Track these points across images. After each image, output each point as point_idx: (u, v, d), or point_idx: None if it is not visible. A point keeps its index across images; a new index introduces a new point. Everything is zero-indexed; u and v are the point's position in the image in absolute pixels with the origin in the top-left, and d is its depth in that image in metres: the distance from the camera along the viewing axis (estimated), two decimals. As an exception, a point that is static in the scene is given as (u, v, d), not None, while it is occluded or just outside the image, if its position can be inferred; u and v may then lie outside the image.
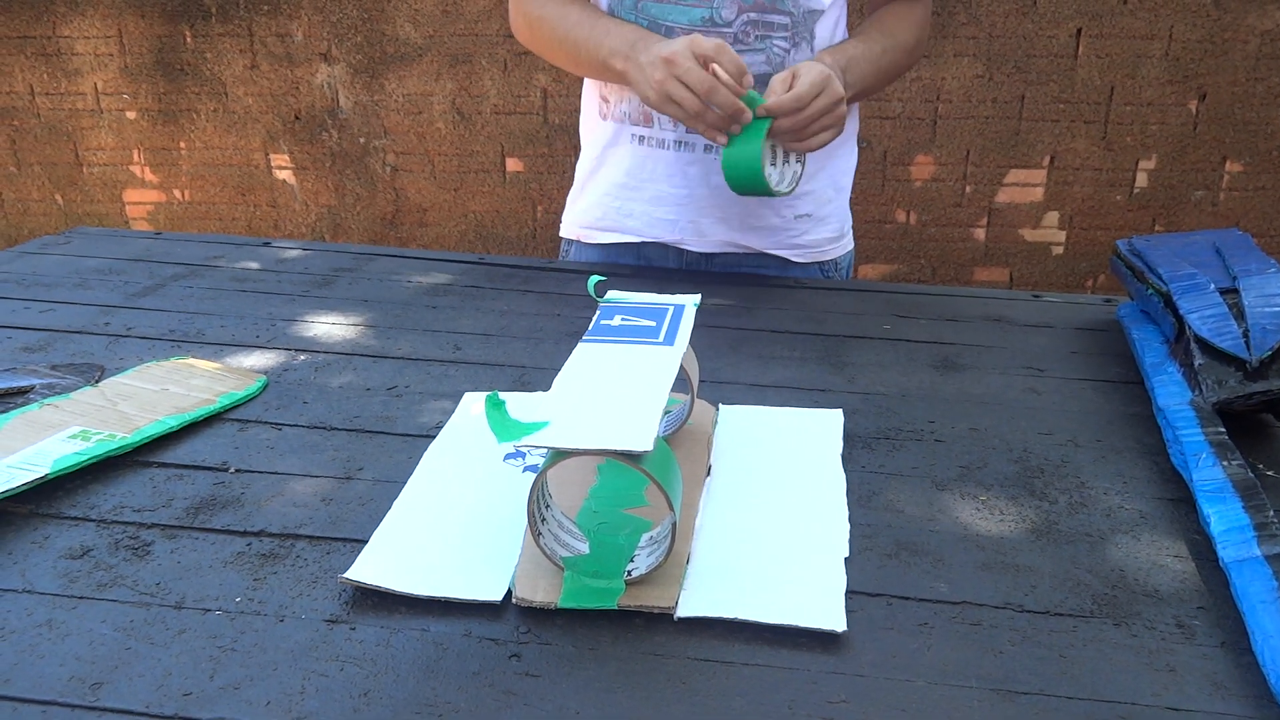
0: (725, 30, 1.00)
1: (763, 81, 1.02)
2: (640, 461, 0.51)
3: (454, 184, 2.77)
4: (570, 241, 1.19)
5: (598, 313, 0.68)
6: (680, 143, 1.05)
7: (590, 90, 1.14)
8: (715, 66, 0.89)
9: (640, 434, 0.50)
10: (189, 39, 2.76)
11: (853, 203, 1.16)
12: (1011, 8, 2.43)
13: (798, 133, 0.93)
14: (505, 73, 2.63)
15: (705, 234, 1.09)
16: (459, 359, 0.86)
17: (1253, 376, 0.71)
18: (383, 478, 0.66)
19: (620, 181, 1.10)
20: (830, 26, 1.04)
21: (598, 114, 1.12)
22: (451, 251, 1.21)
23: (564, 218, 1.21)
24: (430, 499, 0.63)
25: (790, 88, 0.92)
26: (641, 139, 1.08)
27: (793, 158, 0.99)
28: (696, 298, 0.71)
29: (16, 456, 0.64)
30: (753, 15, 1.00)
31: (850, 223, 1.17)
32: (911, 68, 1.13)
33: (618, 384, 0.57)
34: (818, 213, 1.10)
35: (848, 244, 1.16)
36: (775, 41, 1.01)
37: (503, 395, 0.54)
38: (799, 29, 1.01)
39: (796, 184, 0.98)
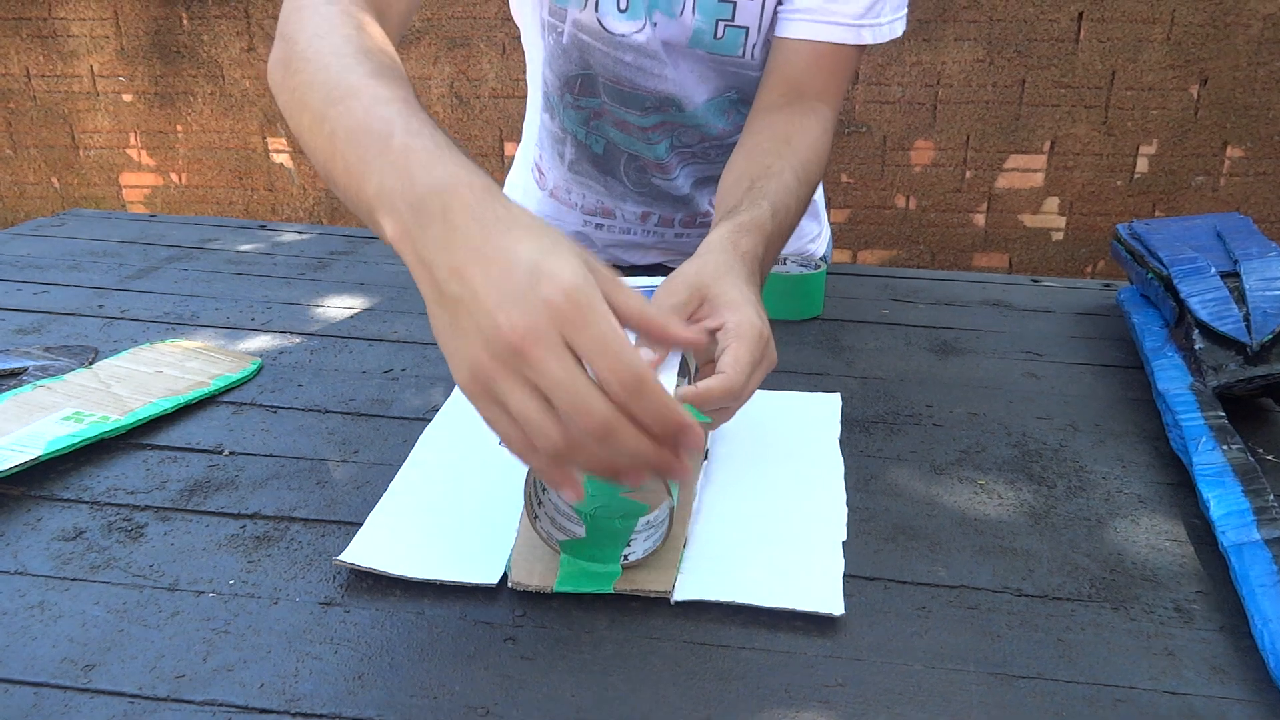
0: (685, 150, 0.95)
1: (718, 180, 0.89)
2: None
3: (452, 168, 2.76)
4: None
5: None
6: (650, 232, 1.02)
7: (523, 151, 1.05)
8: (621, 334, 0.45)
9: None
10: (185, 21, 2.75)
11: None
12: (1013, -9, 2.42)
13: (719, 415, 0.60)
14: (503, 56, 2.62)
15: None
16: (455, 342, 0.86)
17: (1253, 361, 0.70)
18: (378, 460, 0.66)
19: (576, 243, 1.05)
20: None
21: (535, 184, 1.05)
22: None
23: None
24: (426, 482, 0.62)
25: (687, 318, 0.61)
26: (600, 226, 1.04)
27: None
28: None
29: (10, 438, 0.64)
30: (715, 142, 0.94)
31: (825, 214, 1.16)
32: None
33: None
34: (795, 244, 1.09)
35: (825, 234, 1.16)
36: None
37: None
38: None
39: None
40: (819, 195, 1.13)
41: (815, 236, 1.14)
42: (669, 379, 0.56)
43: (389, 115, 0.49)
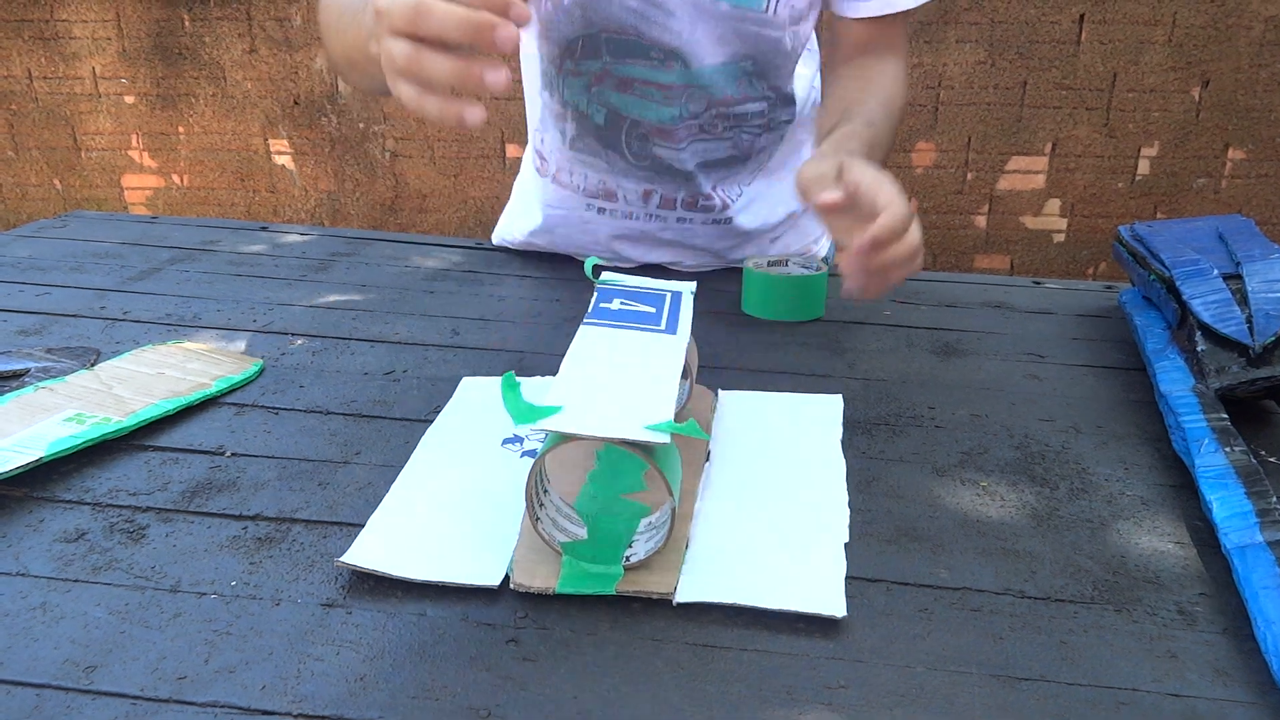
0: (692, 122, 0.95)
1: (725, 164, 0.98)
2: (647, 449, 0.50)
3: (454, 170, 2.76)
4: None
5: (595, 294, 0.67)
6: (652, 215, 1.02)
7: (529, 141, 1.08)
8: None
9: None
10: (187, 23, 2.75)
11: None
12: (1014, -7, 2.42)
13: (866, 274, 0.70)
14: (508, 58, 2.62)
15: (687, 266, 1.08)
16: (457, 344, 0.86)
17: (1256, 362, 0.70)
18: (380, 462, 0.66)
19: (575, 240, 1.07)
20: (806, 95, 1.01)
21: (537, 171, 1.06)
22: (450, 236, 1.21)
23: (504, 226, 1.14)
24: (428, 483, 0.62)
25: (848, 192, 0.69)
26: (602, 210, 1.03)
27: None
28: (692, 285, 0.71)
29: (11, 440, 0.64)
30: (721, 109, 0.95)
31: None
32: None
33: (626, 372, 0.56)
34: (799, 244, 1.10)
35: (827, 236, 1.16)
36: (744, 132, 0.97)
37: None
38: (773, 112, 0.97)
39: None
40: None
41: (818, 238, 1.14)
42: (671, 379, 0.56)
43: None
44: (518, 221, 1.12)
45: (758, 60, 0.92)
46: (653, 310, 0.65)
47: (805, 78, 1.00)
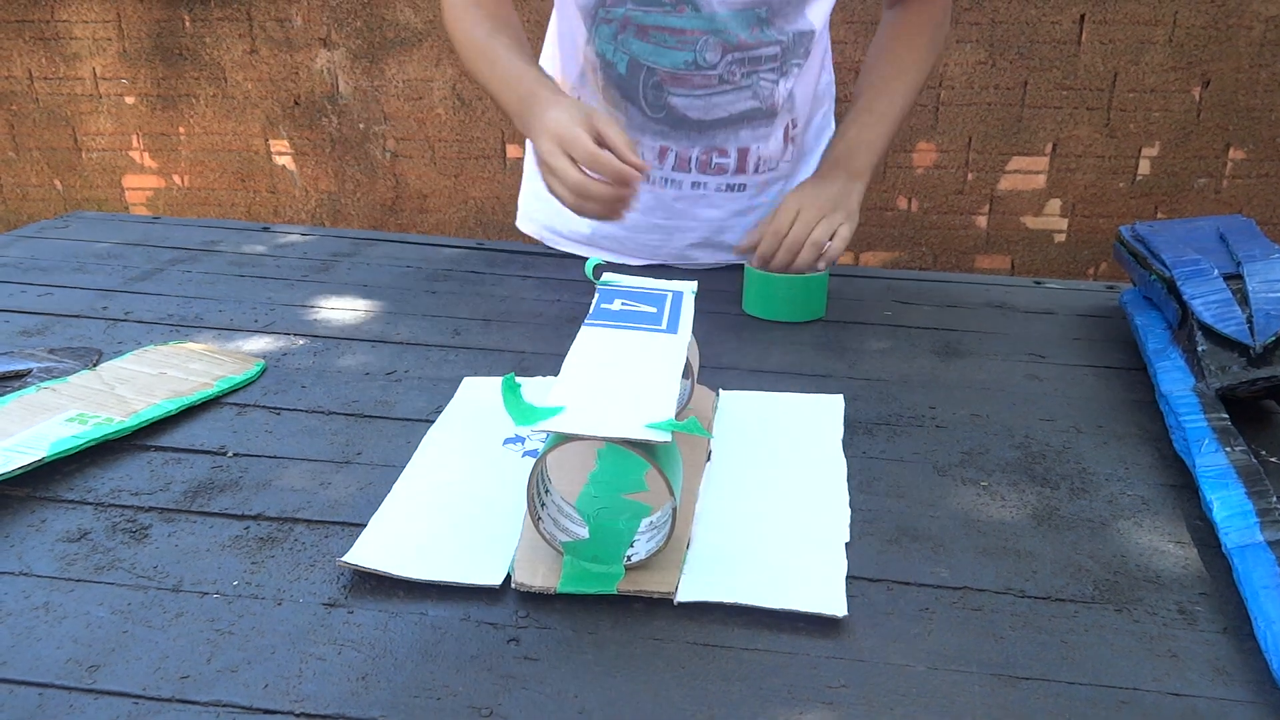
0: (710, 72, 0.96)
1: (748, 118, 1.00)
2: (649, 449, 0.50)
3: (454, 170, 2.76)
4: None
5: (597, 295, 0.68)
6: (668, 180, 1.03)
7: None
8: (608, 138, 0.83)
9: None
10: (187, 23, 2.75)
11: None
12: (1015, -7, 2.42)
13: (789, 257, 0.92)
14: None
15: (695, 261, 1.08)
16: (458, 344, 0.86)
17: (1256, 362, 0.70)
18: (381, 462, 0.66)
19: None
20: (822, 51, 1.03)
21: None
22: (451, 237, 1.21)
23: (523, 212, 1.17)
24: (429, 483, 0.63)
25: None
26: None
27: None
28: (694, 285, 0.71)
29: (14, 440, 0.64)
30: (738, 54, 0.96)
31: None
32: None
33: (627, 372, 0.57)
34: None
35: None
36: (763, 76, 0.98)
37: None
38: (788, 55, 0.98)
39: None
40: None
41: None
42: (672, 379, 0.56)
43: (498, 62, 0.94)
44: (536, 203, 1.14)
45: (772, 5, 0.93)
46: (654, 310, 0.65)
47: (821, 12, 1.00)
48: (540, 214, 1.15)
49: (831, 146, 1.00)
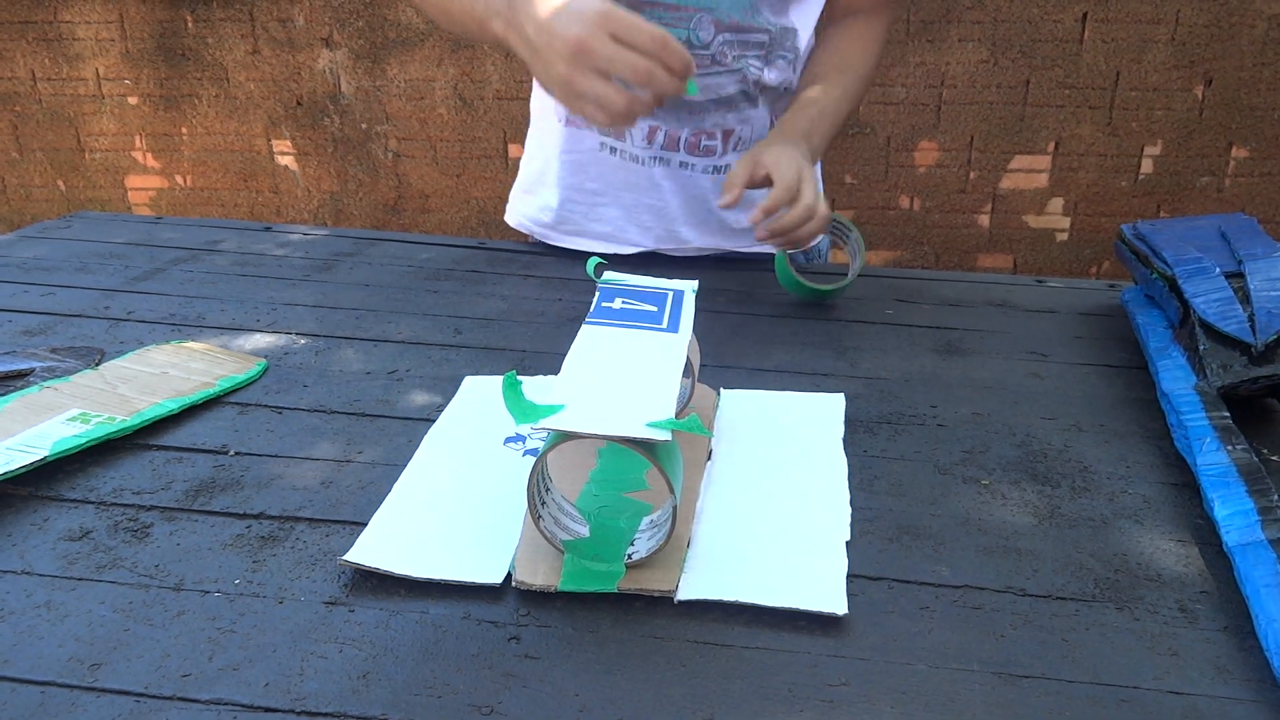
0: (702, 52, 0.97)
1: (735, 102, 1.00)
2: (649, 447, 0.50)
3: (456, 170, 2.77)
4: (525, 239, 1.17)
5: (597, 294, 0.68)
6: (656, 158, 1.04)
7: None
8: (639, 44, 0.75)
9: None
10: (190, 24, 2.75)
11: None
12: (1017, -8, 2.42)
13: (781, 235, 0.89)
14: (508, 58, 2.62)
15: (684, 241, 1.08)
16: (459, 343, 0.86)
17: (1258, 361, 0.70)
18: (382, 461, 0.66)
19: (587, 188, 1.08)
20: (806, 42, 1.03)
21: (554, 116, 1.07)
22: (453, 236, 1.21)
23: (513, 207, 1.17)
24: (430, 482, 0.63)
25: (755, 176, 0.89)
26: (614, 150, 1.05)
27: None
28: (694, 283, 0.71)
29: (16, 439, 0.64)
30: (729, 35, 0.97)
31: None
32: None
33: (628, 370, 0.57)
34: None
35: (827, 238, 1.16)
36: (750, 61, 0.99)
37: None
38: (775, 47, 0.99)
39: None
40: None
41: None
42: (673, 377, 0.56)
43: None
44: (525, 198, 1.15)
45: None
46: (654, 309, 0.65)
47: (805, 15, 1.01)
48: (528, 208, 1.15)
49: (794, 118, 0.98)
